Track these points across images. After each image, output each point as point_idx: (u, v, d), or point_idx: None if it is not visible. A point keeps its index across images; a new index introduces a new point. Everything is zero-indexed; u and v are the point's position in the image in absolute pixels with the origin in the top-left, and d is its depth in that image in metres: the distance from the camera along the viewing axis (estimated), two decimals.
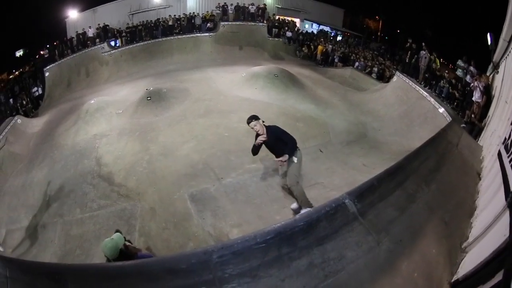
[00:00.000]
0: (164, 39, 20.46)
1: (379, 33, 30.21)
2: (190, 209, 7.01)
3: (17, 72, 29.03)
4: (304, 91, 12.91)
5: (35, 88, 19.36)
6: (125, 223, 7.29)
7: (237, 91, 12.61)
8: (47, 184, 10.01)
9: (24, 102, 18.11)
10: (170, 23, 21.33)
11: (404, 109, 11.64)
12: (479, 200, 3.55)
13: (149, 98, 12.39)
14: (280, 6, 25.31)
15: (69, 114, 14.56)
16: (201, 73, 15.94)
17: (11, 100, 18.85)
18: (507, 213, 2.37)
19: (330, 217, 2.15)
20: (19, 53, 33.02)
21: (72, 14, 23.31)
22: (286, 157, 5.37)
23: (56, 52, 20.29)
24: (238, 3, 22.29)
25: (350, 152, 9.15)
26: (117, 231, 5.35)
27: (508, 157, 3.31)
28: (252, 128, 5.53)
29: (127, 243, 5.02)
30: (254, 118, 5.56)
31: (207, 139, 9.46)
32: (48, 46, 20.84)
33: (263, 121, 5.66)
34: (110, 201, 8.13)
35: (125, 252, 4.71)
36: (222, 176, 7.76)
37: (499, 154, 3.72)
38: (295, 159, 5.49)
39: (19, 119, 15.81)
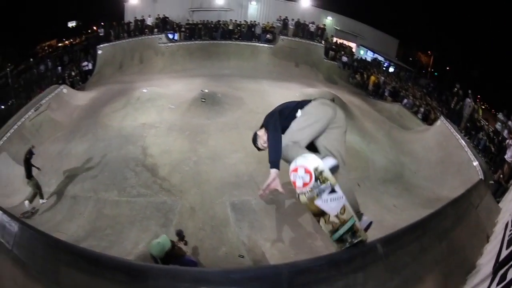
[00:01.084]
0: (223, 42, 20.58)
1: (429, 69, 29.91)
2: (229, 216, 7.31)
3: (66, 42, 30.28)
4: (353, 121, 12.88)
5: (86, 63, 19.92)
6: (162, 215, 7.50)
7: None
8: (86, 159, 10.33)
9: (73, 73, 18.77)
10: (231, 27, 21.48)
11: (441, 155, 11.83)
12: (480, 261, 3.87)
13: (203, 100, 12.47)
14: (338, 28, 25.21)
15: (118, 96, 14.74)
16: (256, 84, 15.93)
17: (59, 68, 19.62)
18: (490, 278, 2.80)
19: (364, 254, 2.78)
20: (71, 24, 34.38)
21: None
22: None
23: (112, 33, 20.86)
24: (299, 19, 22.27)
25: (384, 191, 9.42)
26: (178, 233, 5.99)
27: (510, 231, 3.62)
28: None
29: (176, 244, 5.42)
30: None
31: (256, 152, 9.41)
32: (103, 24, 21.55)
33: None
34: (151, 191, 8.31)
35: (171, 253, 5.10)
36: None
37: (506, 225, 3.97)
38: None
39: (65, 89, 16.28)
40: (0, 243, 4.85)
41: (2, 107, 16.27)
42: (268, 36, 20.82)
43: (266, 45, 20.46)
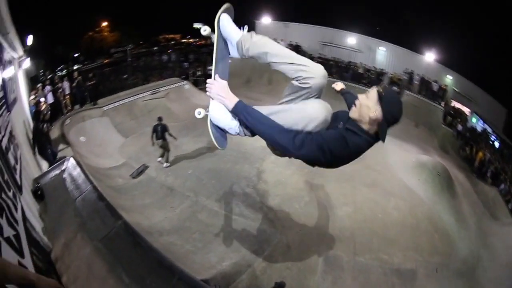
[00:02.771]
0: (352, 84, 20.24)
1: None
2: (318, 266, 7.29)
3: (191, 40, 33.23)
4: (454, 201, 12.08)
5: (212, 67, 21.75)
6: (257, 243, 7.59)
7: (402, 173, 12.28)
8: (196, 159, 11.09)
9: (198, 73, 20.54)
10: (360, 71, 21.64)
11: None
12: None
13: None
14: (457, 90, 23.78)
15: None
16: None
17: (185, 64, 21.62)
18: None
19: None
20: (197, 25, 37.98)
21: (265, 20, 25.16)
22: None
23: None
24: (423, 76, 21.82)
25: (454, 285, 8.60)
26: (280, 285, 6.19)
27: None
28: None
29: None
30: None
31: (363, 211, 9.46)
32: None
33: None
34: (254, 216, 8.46)
35: None
36: (358, 253, 7.86)
37: None
38: None
39: (187, 85, 17.83)
40: (69, 193, 6.22)
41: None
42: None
43: None
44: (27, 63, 11.08)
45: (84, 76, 16.13)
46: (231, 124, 2.49)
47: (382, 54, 23.45)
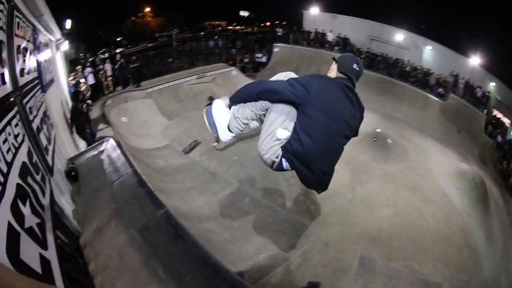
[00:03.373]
0: (399, 82, 20.32)
1: None
2: (353, 267, 7.04)
3: (237, 27, 33.27)
4: (487, 217, 11.67)
5: (260, 55, 21.73)
6: (295, 236, 7.36)
7: (442, 180, 12.02)
8: (239, 144, 10.76)
9: (245, 60, 20.62)
10: (408, 69, 21.15)
11: None
12: None
13: (375, 139, 12.35)
14: (499, 98, 22.76)
15: None
16: (421, 139, 15.21)
17: (232, 50, 21.74)
18: None
19: None
20: (243, 13, 38.37)
21: (313, 10, 24.80)
22: None
23: (291, 36, 22.27)
24: (468, 80, 20.99)
25: None
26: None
27: None
28: None
29: None
30: None
31: (403, 215, 9.21)
32: (283, 24, 22.96)
33: None
34: (296, 209, 8.18)
35: None
36: (392, 258, 7.62)
37: None
38: None
39: (234, 71, 17.85)
40: (106, 176, 5.78)
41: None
42: (440, 90, 19.88)
43: (437, 99, 19.58)
44: (65, 45, 11.12)
45: (127, 59, 16.42)
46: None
47: (428, 53, 22.70)
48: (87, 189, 5.55)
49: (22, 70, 4.30)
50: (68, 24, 12.26)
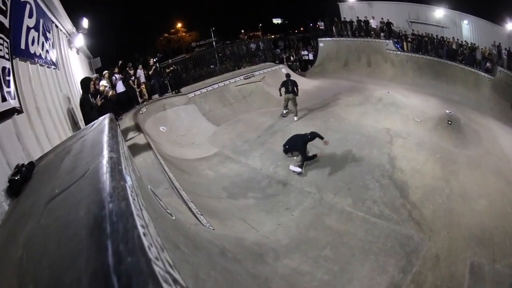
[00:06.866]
0: (448, 62, 18.35)
1: None
2: (466, 280, 5.18)
3: (272, 36, 32.38)
4: None
5: (306, 52, 20.40)
6: (404, 255, 5.41)
7: None
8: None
9: (292, 58, 19.29)
10: (454, 46, 19.29)
11: None
12: None
13: (449, 123, 11.09)
14: None
15: (352, 91, 14.02)
16: (485, 120, 13.35)
17: (277, 50, 20.50)
18: None
19: None
20: (276, 21, 37.80)
21: (349, 0, 23.20)
22: None
23: (334, 29, 20.59)
24: (510, 49, 18.11)
25: None
26: None
27: None
28: None
29: None
30: None
31: (496, 204, 7.35)
32: (324, 18, 21.23)
33: None
34: (397, 216, 6.38)
35: None
36: (497, 259, 5.76)
37: None
38: None
39: (283, 69, 16.57)
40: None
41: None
42: (488, 64, 17.67)
43: (486, 75, 17.39)
44: (80, 39, 10.24)
45: (164, 66, 14.28)
46: None
47: (466, 29, 20.66)
48: None
49: None
50: (85, 22, 10.98)
